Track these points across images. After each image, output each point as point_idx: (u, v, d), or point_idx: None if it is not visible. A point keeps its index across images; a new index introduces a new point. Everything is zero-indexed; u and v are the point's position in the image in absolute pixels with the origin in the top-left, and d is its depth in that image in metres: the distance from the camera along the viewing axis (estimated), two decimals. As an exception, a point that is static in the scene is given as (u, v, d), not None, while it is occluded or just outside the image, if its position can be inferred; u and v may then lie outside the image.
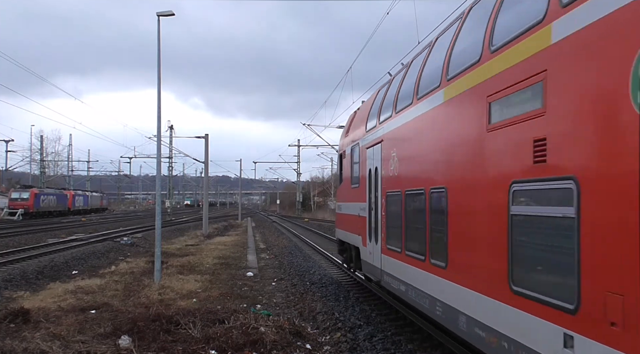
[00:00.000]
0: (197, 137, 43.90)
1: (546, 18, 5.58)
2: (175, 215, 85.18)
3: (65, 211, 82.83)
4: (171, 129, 68.16)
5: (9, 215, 68.14)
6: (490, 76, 6.80)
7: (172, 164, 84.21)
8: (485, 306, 6.83)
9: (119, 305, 13.44)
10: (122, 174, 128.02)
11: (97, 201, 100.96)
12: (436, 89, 8.93)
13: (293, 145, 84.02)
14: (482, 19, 7.50)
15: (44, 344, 9.46)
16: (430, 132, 9.36)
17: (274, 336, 10.09)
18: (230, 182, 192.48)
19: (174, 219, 70.97)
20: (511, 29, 6.43)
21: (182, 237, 37.81)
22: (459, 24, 8.74)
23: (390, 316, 13.13)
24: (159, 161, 18.54)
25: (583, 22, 4.96)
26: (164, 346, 9.57)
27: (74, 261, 24.09)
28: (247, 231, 46.59)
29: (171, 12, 17.63)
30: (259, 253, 28.12)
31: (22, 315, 11.84)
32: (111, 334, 10.30)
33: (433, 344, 10.45)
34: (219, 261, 23.29)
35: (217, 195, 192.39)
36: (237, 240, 35.85)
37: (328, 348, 10.41)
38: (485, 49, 7.09)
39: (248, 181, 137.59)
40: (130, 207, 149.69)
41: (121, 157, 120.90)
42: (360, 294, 16.12)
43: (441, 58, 9.05)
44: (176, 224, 58.40)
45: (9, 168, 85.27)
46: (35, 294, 15.57)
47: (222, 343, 9.63)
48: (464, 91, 7.71)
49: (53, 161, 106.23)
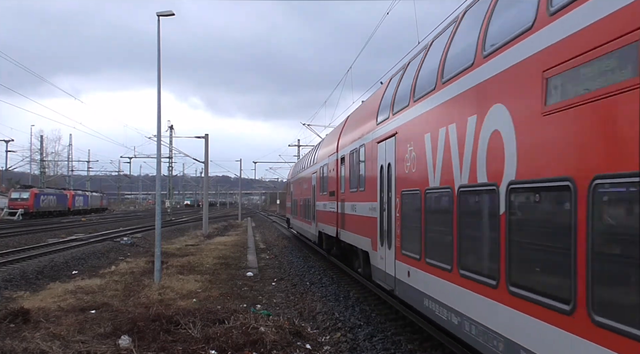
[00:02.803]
0: (197, 137, 43.87)
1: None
2: (175, 215, 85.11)
3: (65, 211, 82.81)
4: (171, 129, 68.25)
5: (9, 215, 68.11)
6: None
7: (172, 164, 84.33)
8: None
9: (119, 305, 13.44)
10: (122, 174, 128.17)
11: (97, 201, 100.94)
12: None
13: (293, 145, 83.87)
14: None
15: (44, 344, 9.47)
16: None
17: (274, 336, 10.09)
18: (230, 182, 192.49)
19: (174, 219, 70.93)
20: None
21: (182, 237, 37.79)
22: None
23: (390, 316, 13.13)
24: (159, 161, 18.54)
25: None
26: (164, 346, 9.58)
27: (74, 261, 24.09)
28: (247, 231, 46.56)
29: (171, 12, 17.63)
30: (259, 253, 28.11)
31: (22, 315, 11.85)
32: (111, 334, 10.31)
33: (433, 344, 10.45)
34: (219, 261, 23.28)
35: (217, 195, 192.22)
36: (237, 240, 35.83)
37: (328, 348, 10.41)
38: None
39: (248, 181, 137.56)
40: (130, 207, 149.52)
41: (121, 157, 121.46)
42: (360, 294, 16.12)
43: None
44: (176, 224, 58.36)
45: (9, 168, 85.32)
46: (35, 294, 15.57)
47: (222, 343, 9.64)
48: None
49: (53, 161, 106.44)
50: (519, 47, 6.16)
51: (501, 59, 6.63)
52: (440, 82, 8.73)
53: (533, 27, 5.88)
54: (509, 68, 6.43)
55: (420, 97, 9.75)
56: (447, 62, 8.69)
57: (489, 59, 6.95)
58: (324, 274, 20.45)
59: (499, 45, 6.71)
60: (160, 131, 18.25)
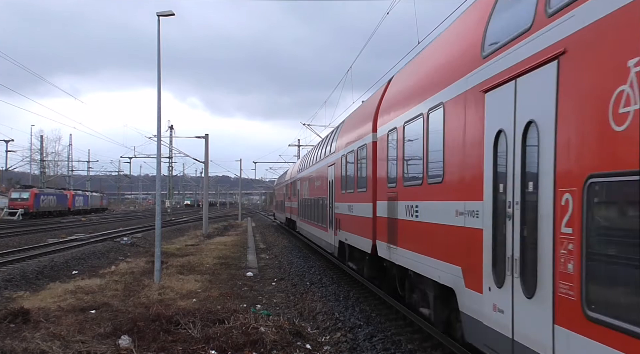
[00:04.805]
0: (197, 137, 43.86)
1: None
2: (175, 215, 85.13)
3: (65, 211, 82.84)
4: (171, 129, 68.30)
5: (9, 215, 68.15)
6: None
7: (172, 164, 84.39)
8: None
9: (119, 305, 13.44)
10: (122, 174, 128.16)
11: (97, 201, 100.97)
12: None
13: (293, 145, 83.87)
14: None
15: (44, 344, 9.47)
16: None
17: (274, 336, 10.09)
18: (230, 182, 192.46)
19: (174, 219, 70.94)
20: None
21: (182, 237, 37.80)
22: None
23: (390, 316, 13.13)
24: (159, 161, 18.54)
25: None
26: (164, 346, 9.58)
27: (74, 261, 24.09)
28: (247, 231, 46.56)
29: (171, 12, 17.63)
30: (259, 253, 28.11)
31: (22, 315, 11.84)
32: (111, 334, 10.30)
33: (433, 344, 10.45)
34: (219, 261, 23.29)
35: (217, 195, 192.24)
36: (237, 240, 35.85)
37: (328, 348, 10.40)
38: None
39: (248, 181, 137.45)
40: (130, 207, 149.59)
41: (121, 157, 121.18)
42: (361, 294, 16.12)
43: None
44: (176, 224, 58.36)
45: (9, 168, 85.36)
46: (35, 294, 15.57)
47: (222, 343, 9.63)
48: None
49: (53, 161, 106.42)
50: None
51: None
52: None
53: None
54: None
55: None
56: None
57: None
58: (324, 274, 20.46)
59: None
60: (160, 131, 18.25)
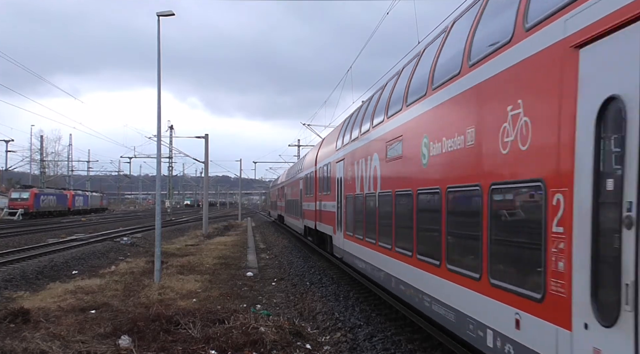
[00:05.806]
0: (197, 137, 43.82)
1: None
2: (175, 215, 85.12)
3: (65, 211, 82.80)
4: (171, 129, 68.25)
5: (9, 215, 68.12)
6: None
7: (172, 164, 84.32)
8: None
9: (119, 305, 13.45)
10: (122, 174, 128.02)
11: (97, 201, 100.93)
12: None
13: (293, 145, 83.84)
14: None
15: (44, 344, 9.47)
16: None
17: (274, 336, 10.09)
18: (230, 182, 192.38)
19: (174, 219, 70.92)
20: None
21: (182, 237, 37.80)
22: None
23: (390, 316, 13.13)
24: (159, 161, 18.54)
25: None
26: (164, 346, 9.58)
27: (74, 261, 24.09)
28: (247, 231, 46.55)
29: (171, 12, 17.64)
30: (259, 253, 28.11)
31: (22, 315, 11.85)
32: (111, 334, 10.31)
33: (433, 344, 10.45)
34: (219, 261, 23.29)
35: (217, 195, 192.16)
36: (237, 240, 35.84)
37: (328, 348, 10.41)
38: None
39: (248, 181, 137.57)
40: (130, 207, 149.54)
41: (121, 157, 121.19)
42: (360, 294, 16.12)
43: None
44: (176, 224, 58.36)
45: (9, 168, 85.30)
46: (35, 294, 15.58)
47: (222, 343, 9.64)
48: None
49: (53, 161, 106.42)
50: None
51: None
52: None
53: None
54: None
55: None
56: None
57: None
58: (324, 274, 20.45)
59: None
60: (160, 131, 18.25)
